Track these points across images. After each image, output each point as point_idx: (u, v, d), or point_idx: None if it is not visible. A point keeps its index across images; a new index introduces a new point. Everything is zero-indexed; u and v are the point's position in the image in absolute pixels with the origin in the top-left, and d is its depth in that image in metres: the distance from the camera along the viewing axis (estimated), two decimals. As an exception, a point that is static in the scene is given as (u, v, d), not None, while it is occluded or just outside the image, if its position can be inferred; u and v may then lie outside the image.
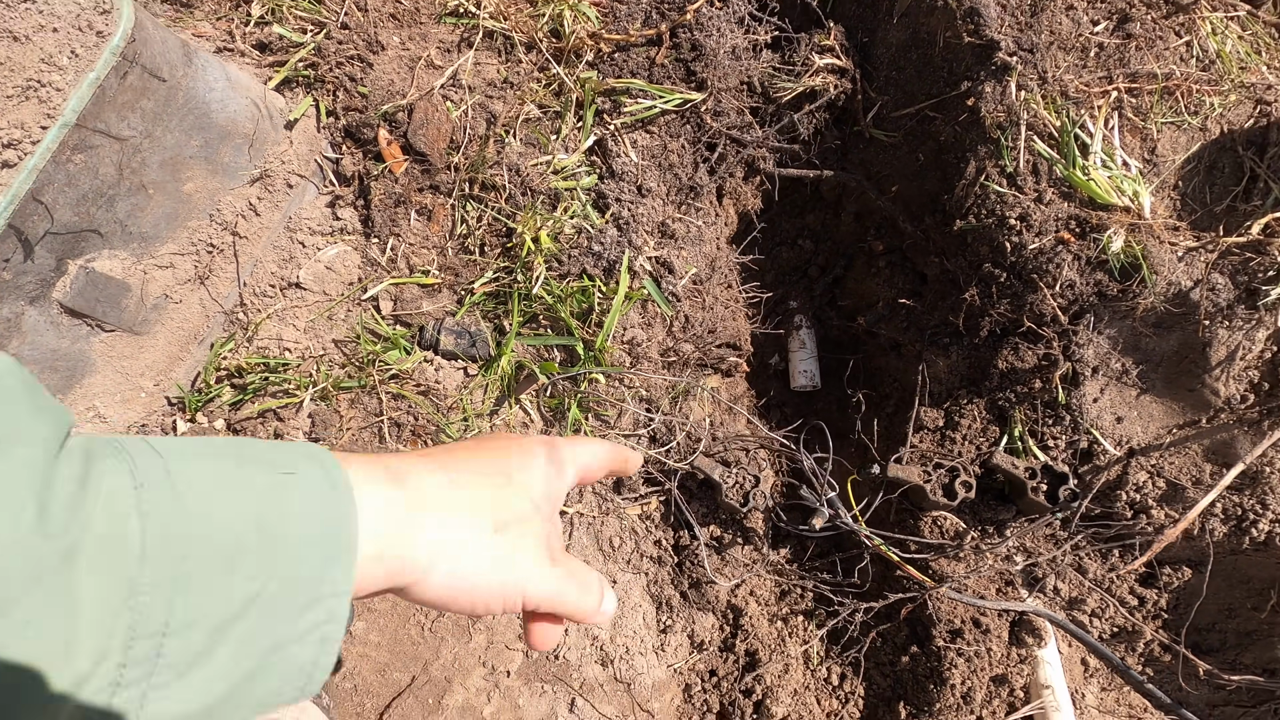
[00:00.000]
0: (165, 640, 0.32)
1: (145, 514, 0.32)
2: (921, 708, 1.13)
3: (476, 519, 0.44)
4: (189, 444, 0.37)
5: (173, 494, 0.33)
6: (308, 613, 0.36)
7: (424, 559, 0.42)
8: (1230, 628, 1.18)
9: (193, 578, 0.33)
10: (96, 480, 0.32)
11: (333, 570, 0.37)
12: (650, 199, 1.11)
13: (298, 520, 0.36)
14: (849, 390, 1.32)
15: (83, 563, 0.30)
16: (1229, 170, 1.05)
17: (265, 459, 0.38)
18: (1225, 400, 1.08)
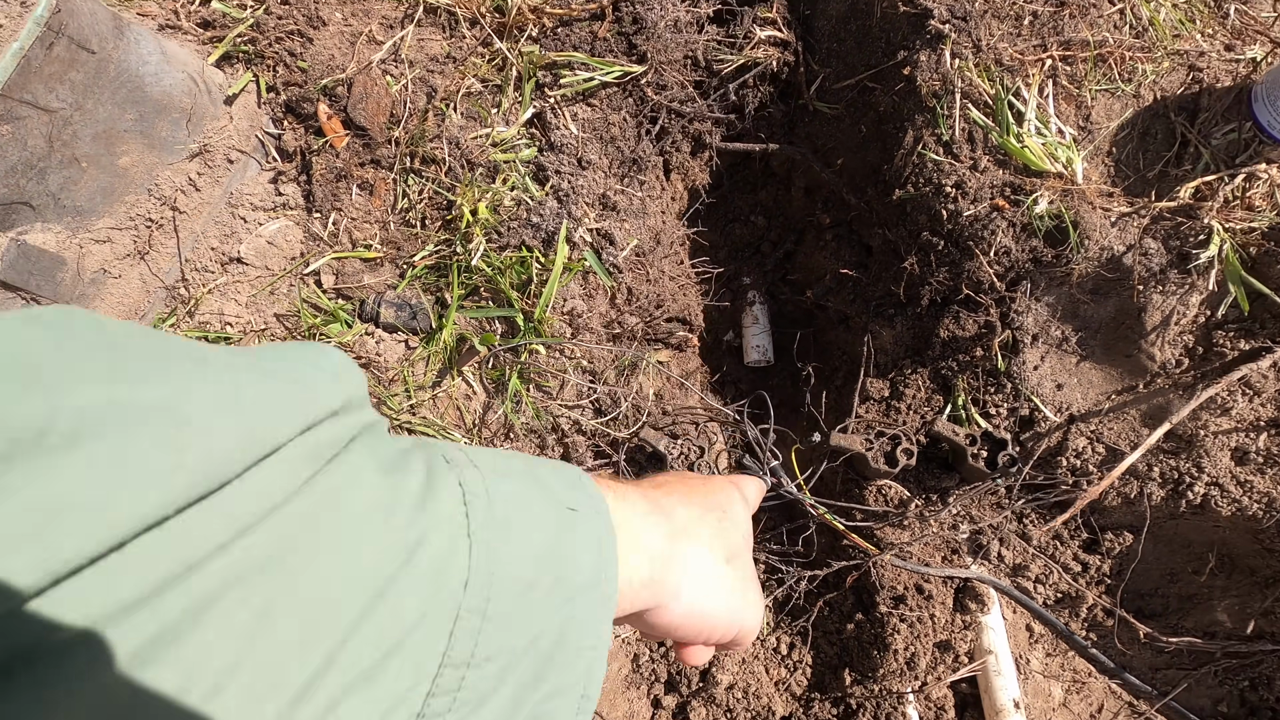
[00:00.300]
0: (467, 673, 0.30)
1: (473, 535, 0.31)
2: (866, 674, 1.14)
3: (714, 551, 0.46)
4: (494, 458, 0.36)
5: (491, 516, 0.32)
6: (574, 663, 0.35)
7: (674, 586, 0.43)
8: (1172, 592, 1.19)
9: (495, 609, 0.31)
10: (437, 482, 0.31)
11: (597, 623, 0.36)
12: (591, 171, 1.11)
13: (576, 567, 0.35)
14: (799, 363, 1.33)
15: (416, 572, 0.29)
16: (1161, 136, 1.06)
17: (552, 487, 0.37)
18: (1161, 365, 1.09)
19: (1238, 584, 1.14)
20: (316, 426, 0.28)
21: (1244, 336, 1.04)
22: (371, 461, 0.29)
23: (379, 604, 0.27)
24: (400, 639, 0.28)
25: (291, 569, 0.25)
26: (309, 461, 0.27)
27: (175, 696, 0.22)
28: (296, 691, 0.25)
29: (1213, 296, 1.05)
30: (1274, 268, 1.01)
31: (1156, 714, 1.15)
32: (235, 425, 0.24)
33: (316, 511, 0.26)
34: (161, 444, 0.22)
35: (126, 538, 0.21)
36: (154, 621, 0.21)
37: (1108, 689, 1.18)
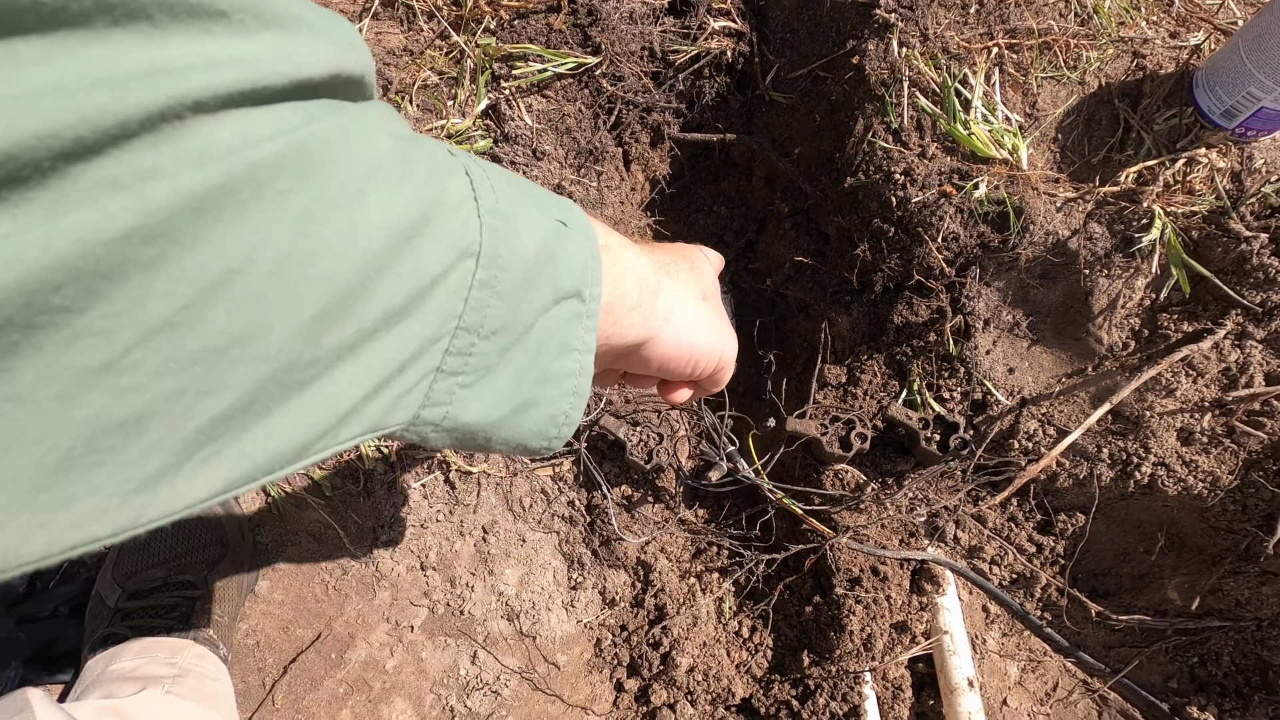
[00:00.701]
0: (477, 341, 0.33)
1: (481, 217, 0.33)
2: (823, 654, 1.15)
3: (690, 288, 0.51)
4: (495, 167, 0.38)
5: (496, 206, 0.34)
6: (563, 358, 0.38)
7: (664, 311, 0.47)
8: (1125, 572, 1.21)
9: (501, 290, 0.33)
10: (445, 163, 0.33)
11: (580, 328, 0.39)
12: (546, 162, 1.12)
13: (566, 272, 0.37)
14: (760, 351, 1.34)
15: (438, 233, 0.30)
16: (1106, 122, 1.08)
17: (546, 204, 0.39)
18: (1109, 348, 1.11)
19: (1187, 562, 1.16)
20: (340, 84, 0.28)
21: (1187, 318, 1.06)
22: (385, 126, 0.30)
23: (406, 248, 0.28)
24: (427, 287, 0.30)
25: (328, 184, 0.25)
26: (335, 109, 0.27)
27: (244, 264, 0.23)
28: (340, 302, 0.26)
29: (1156, 279, 1.07)
30: (1214, 250, 1.03)
31: (1109, 691, 1.18)
32: (280, 39, 0.24)
33: (345, 143, 0.26)
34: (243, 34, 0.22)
35: (200, 104, 0.21)
36: (219, 173, 0.22)
37: (1062, 667, 1.20)
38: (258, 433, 0.25)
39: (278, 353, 0.25)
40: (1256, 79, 0.93)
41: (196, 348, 0.22)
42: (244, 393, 0.24)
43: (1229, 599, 1.12)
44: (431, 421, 0.33)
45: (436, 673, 1.06)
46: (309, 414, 0.27)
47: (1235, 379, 1.04)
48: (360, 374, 0.28)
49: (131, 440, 0.21)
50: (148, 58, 0.20)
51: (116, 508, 0.22)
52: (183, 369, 0.22)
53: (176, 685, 0.83)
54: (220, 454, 0.24)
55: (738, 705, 1.18)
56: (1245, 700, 1.10)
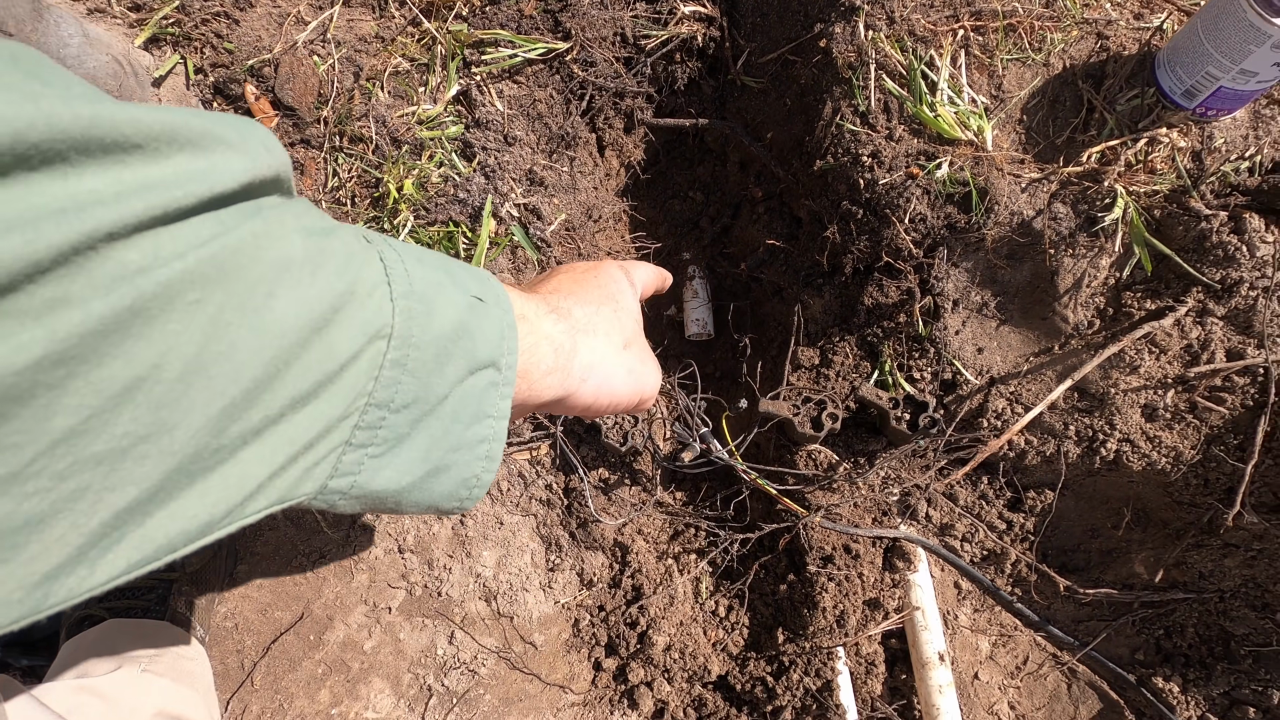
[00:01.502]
0: (387, 415, 0.35)
1: (394, 301, 0.35)
2: (797, 631, 1.17)
3: (611, 340, 0.54)
4: (411, 247, 0.40)
5: (410, 288, 0.36)
6: (476, 425, 0.40)
7: (581, 371, 0.50)
8: (1094, 547, 1.23)
9: (414, 368, 0.35)
10: (360, 253, 0.34)
11: (496, 395, 0.41)
12: (518, 147, 1.13)
13: (481, 345, 0.39)
14: (736, 335, 1.36)
15: (348, 321, 0.32)
16: (1070, 103, 1.09)
17: (462, 279, 0.41)
18: (1074, 326, 1.12)
19: (1152, 537, 1.18)
20: (255, 189, 0.29)
21: (1150, 296, 1.08)
22: (298, 224, 0.31)
23: (315, 339, 0.30)
24: (336, 372, 0.31)
25: (236, 289, 0.27)
26: (253, 208, 0.29)
27: (150, 372, 0.24)
28: (246, 394, 0.28)
29: (1120, 258, 1.08)
30: (1176, 229, 1.05)
31: (1078, 664, 1.20)
32: (195, 159, 0.25)
33: (255, 247, 0.28)
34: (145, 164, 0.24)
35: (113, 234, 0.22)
36: (130, 295, 0.23)
37: (1032, 641, 1.22)
38: (161, 518, 0.26)
39: (182, 447, 0.26)
40: (1215, 59, 0.95)
41: (101, 450, 0.23)
42: (149, 486, 0.25)
43: (1193, 572, 1.14)
44: (339, 490, 0.35)
45: (414, 653, 1.08)
46: (213, 495, 0.28)
47: (1197, 355, 1.06)
48: (266, 454, 0.30)
49: (33, 539, 0.22)
50: (61, 196, 0.21)
51: (18, 601, 0.23)
52: (87, 471, 0.23)
53: (153, 664, 0.84)
54: (123, 541, 0.26)
55: (714, 682, 1.20)
56: (1209, 670, 1.12)
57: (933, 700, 1.12)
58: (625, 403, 0.55)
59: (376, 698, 1.04)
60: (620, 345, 0.55)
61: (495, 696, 1.09)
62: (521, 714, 1.10)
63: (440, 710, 1.05)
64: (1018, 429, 1.06)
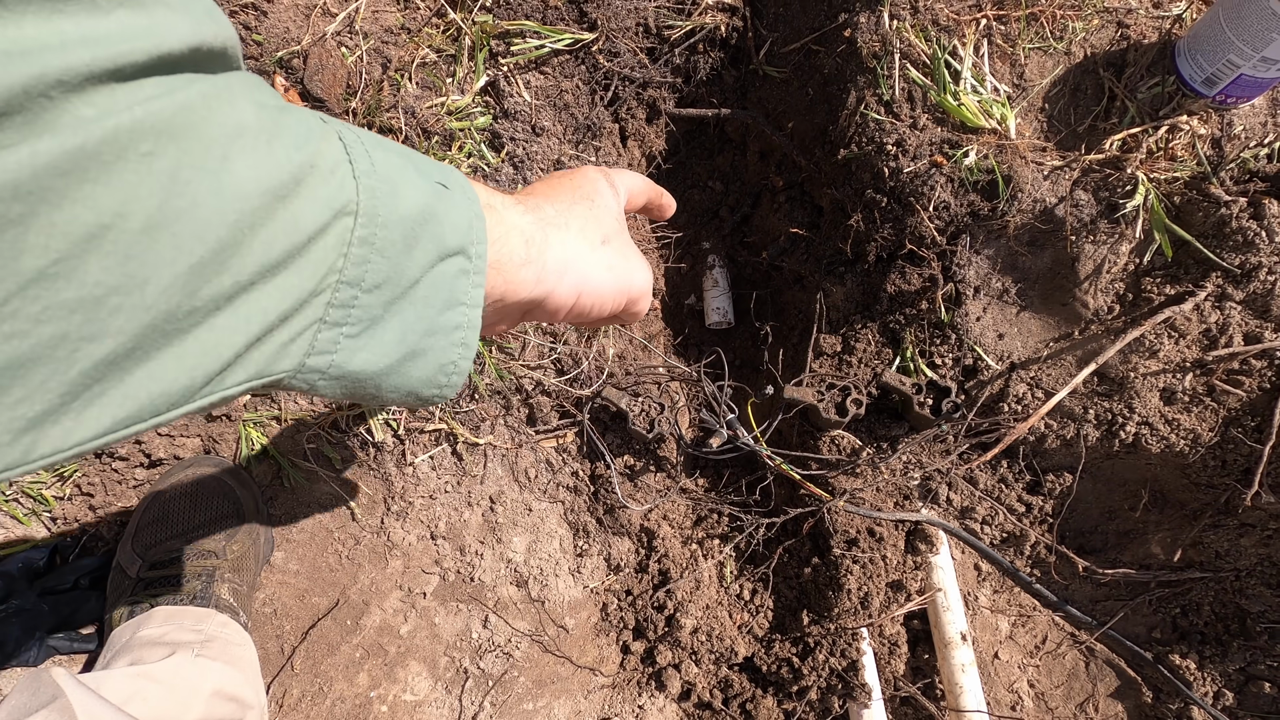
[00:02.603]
0: (359, 295, 0.35)
1: (358, 178, 0.34)
2: (822, 613, 1.20)
3: (586, 235, 0.51)
4: (370, 134, 0.39)
5: (372, 168, 0.35)
6: (449, 312, 0.40)
7: (557, 266, 0.48)
8: (1111, 529, 1.26)
9: (382, 246, 0.35)
10: (317, 129, 0.34)
11: (468, 283, 0.41)
12: (545, 138, 1.14)
13: (449, 230, 0.39)
14: (757, 323, 1.37)
15: (312, 193, 0.31)
16: (1091, 91, 1.11)
17: (425, 168, 0.40)
18: (1094, 312, 1.14)
19: (1169, 518, 1.20)
20: (202, 57, 0.29)
21: (1169, 282, 1.10)
22: (249, 97, 0.31)
23: (279, 207, 0.30)
24: (303, 244, 0.31)
25: (190, 146, 0.27)
26: (195, 80, 0.28)
27: (114, 220, 0.25)
28: (214, 255, 0.28)
29: (1140, 245, 1.10)
30: (1195, 215, 1.06)
31: (1096, 642, 1.23)
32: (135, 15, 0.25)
33: (207, 109, 0.28)
34: None
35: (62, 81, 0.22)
36: (79, 137, 0.23)
37: (1051, 621, 1.25)
38: (140, 376, 0.27)
39: (155, 302, 0.26)
40: (1236, 46, 0.96)
41: (73, 296, 0.24)
42: (125, 339, 0.26)
43: (1209, 551, 1.17)
44: (318, 369, 0.35)
45: (450, 636, 1.10)
46: (190, 359, 0.29)
47: (1215, 339, 1.08)
48: (240, 323, 0.30)
49: (17, 382, 0.23)
50: (1, 38, 0.21)
51: (7, 445, 0.24)
52: (62, 317, 0.24)
53: (205, 650, 0.86)
54: (105, 395, 0.26)
55: (740, 664, 1.23)
56: (1224, 647, 1.15)
57: (955, 679, 1.15)
58: (610, 301, 0.53)
59: (414, 680, 1.06)
60: (596, 240, 0.53)
61: (529, 679, 1.11)
62: (554, 695, 1.12)
63: (477, 692, 1.07)
64: (1043, 414, 1.08)
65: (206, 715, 0.80)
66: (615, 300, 0.53)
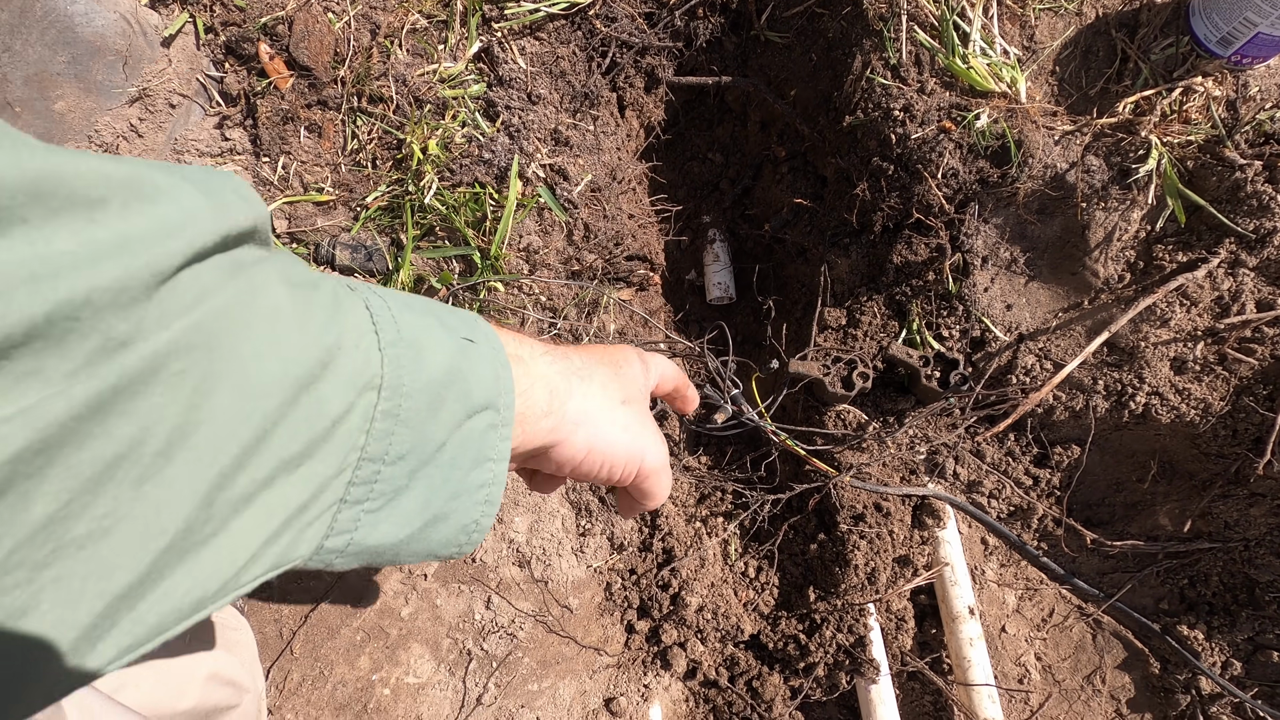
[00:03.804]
0: (382, 468, 0.33)
1: (383, 349, 0.33)
2: (829, 589, 1.18)
3: (608, 392, 0.50)
4: (395, 293, 0.38)
5: (398, 335, 0.34)
6: (476, 470, 0.38)
7: (574, 417, 0.46)
8: (1118, 501, 1.24)
9: (407, 417, 0.34)
10: (345, 301, 0.33)
11: (496, 438, 0.39)
12: (542, 106, 1.11)
13: (475, 386, 0.38)
14: (760, 298, 1.35)
15: (337, 375, 0.31)
16: (1103, 53, 1.08)
17: (450, 323, 0.40)
18: (1104, 281, 1.12)
19: (1178, 489, 1.19)
20: (235, 249, 0.28)
21: (1182, 249, 1.08)
22: (282, 277, 0.30)
23: (304, 396, 0.29)
24: (326, 430, 0.30)
25: (222, 353, 0.26)
26: (230, 264, 0.28)
27: (131, 448, 0.23)
28: (234, 461, 0.26)
29: (1152, 210, 1.08)
30: (1209, 180, 1.04)
31: (1103, 615, 1.22)
32: (164, 224, 0.24)
33: (241, 307, 0.27)
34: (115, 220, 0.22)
35: (90, 300, 0.21)
36: (114, 374, 0.22)
37: (1058, 594, 1.24)
38: (151, 600, 0.25)
39: (170, 523, 0.24)
40: (1253, 3, 0.93)
41: (82, 532, 0.22)
42: (137, 568, 0.24)
43: (1218, 522, 1.16)
44: (335, 549, 0.34)
45: (452, 618, 1.08)
46: (205, 570, 0.27)
47: (1228, 307, 1.06)
48: (258, 522, 0.28)
49: (15, 635, 0.21)
50: (30, 259, 0.19)
51: (6, 702, 0.22)
52: (68, 556, 0.22)
53: (199, 634, 0.83)
54: (114, 628, 0.24)
55: (746, 642, 1.22)
56: (1233, 617, 1.14)
57: (963, 653, 1.14)
58: (620, 465, 0.50)
59: (416, 663, 1.04)
60: (617, 399, 0.51)
61: (533, 659, 1.09)
62: (559, 676, 1.11)
63: (480, 674, 1.05)
64: (1052, 386, 1.06)
65: (201, 701, 0.77)
66: (626, 465, 0.50)
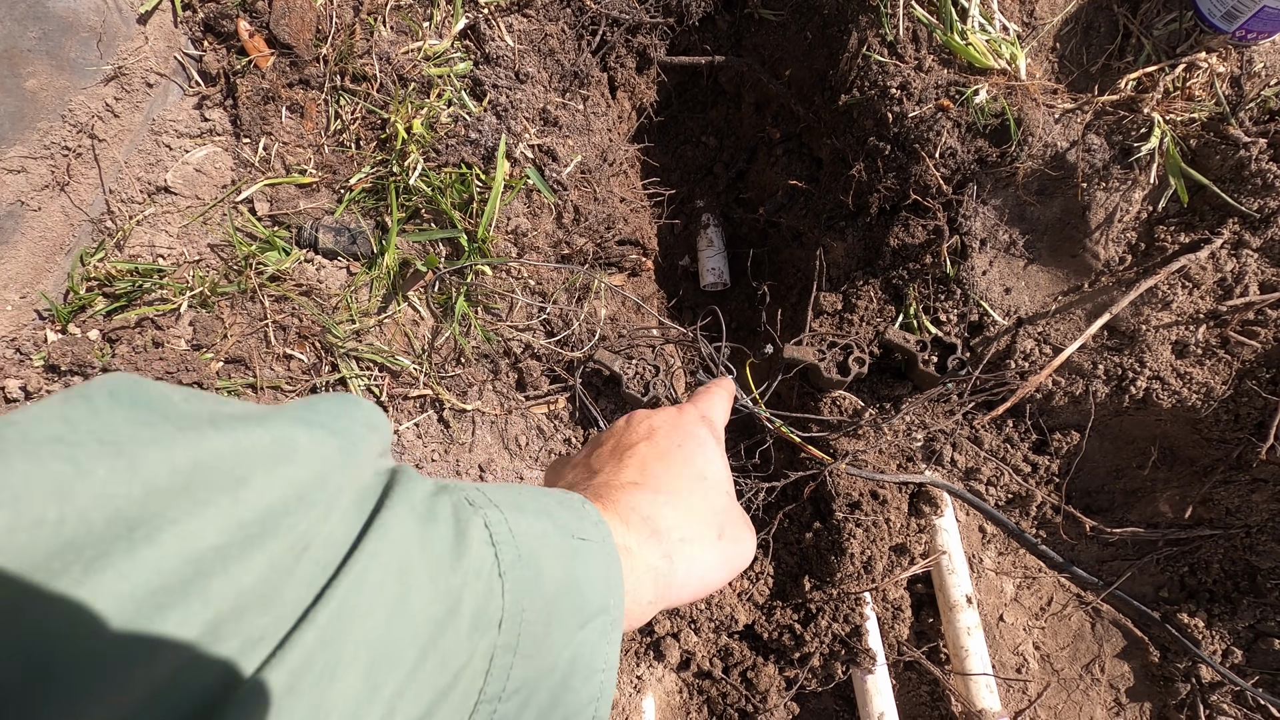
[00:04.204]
0: (498, 706, 0.31)
1: (504, 574, 0.32)
2: (824, 579, 1.16)
3: (706, 534, 0.48)
4: (508, 493, 0.36)
5: (518, 555, 0.33)
6: (586, 685, 0.36)
7: (678, 585, 0.45)
8: (1118, 488, 1.23)
9: (524, 648, 0.32)
10: (468, 527, 0.32)
11: (607, 647, 0.37)
12: (530, 85, 1.08)
13: (589, 594, 0.36)
14: (754, 283, 1.32)
15: (460, 620, 0.29)
16: (1105, 29, 1.05)
17: (561, 519, 0.37)
18: (1105, 263, 1.10)
19: (1178, 475, 1.17)
20: (361, 482, 0.28)
21: (1184, 230, 1.05)
22: (409, 512, 0.29)
23: (431, 652, 0.28)
24: (450, 684, 0.29)
25: (357, 625, 0.25)
26: (358, 513, 0.28)
27: None
28: None
29: (1154, 191, 1.05)
30: (1213, 158, 1.02)
31: (1102, 603, 1.20)
32: (304, 487, 0.25)
33: (375, 567, 0.26)
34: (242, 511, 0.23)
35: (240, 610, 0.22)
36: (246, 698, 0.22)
37: (1057, 582, 1.22)
38: None
39: None
40: (1260, -25, 0.91)
41: None
42: None
43: (1219, 508, 1.14)
44: None
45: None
46: None
47: (1230, 289, 1.04)
48: None
49: None
50: (180, 566, 0.21)
51: None
52: None
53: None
54: None
55: (741, 632, 1.20)
56: (1234, 604, 1.13)
57: (961, 642, 1.12)
58: (717, 587, 0.49)
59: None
60: (714, 535, 0.49)
61: (523, 651, 1.07)
62: (550, 667, 1.09)
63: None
64: (1051, 369, 1.04)
65: None
66: (721, 585, 0.49)
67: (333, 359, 1.05)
